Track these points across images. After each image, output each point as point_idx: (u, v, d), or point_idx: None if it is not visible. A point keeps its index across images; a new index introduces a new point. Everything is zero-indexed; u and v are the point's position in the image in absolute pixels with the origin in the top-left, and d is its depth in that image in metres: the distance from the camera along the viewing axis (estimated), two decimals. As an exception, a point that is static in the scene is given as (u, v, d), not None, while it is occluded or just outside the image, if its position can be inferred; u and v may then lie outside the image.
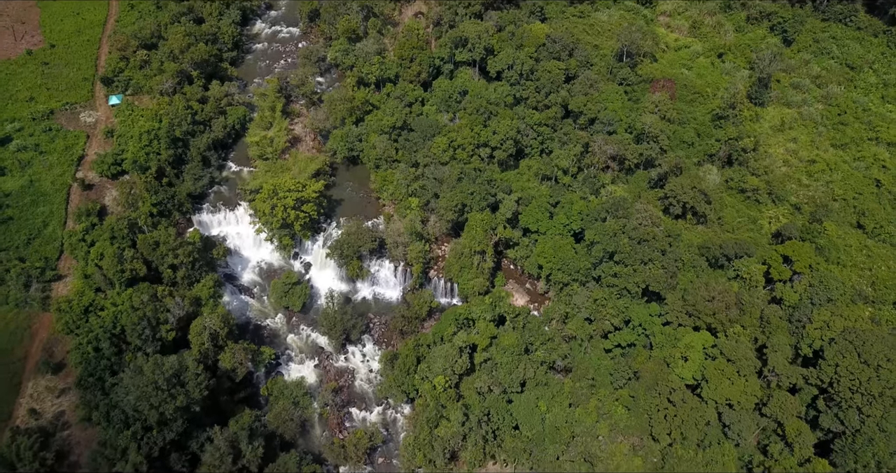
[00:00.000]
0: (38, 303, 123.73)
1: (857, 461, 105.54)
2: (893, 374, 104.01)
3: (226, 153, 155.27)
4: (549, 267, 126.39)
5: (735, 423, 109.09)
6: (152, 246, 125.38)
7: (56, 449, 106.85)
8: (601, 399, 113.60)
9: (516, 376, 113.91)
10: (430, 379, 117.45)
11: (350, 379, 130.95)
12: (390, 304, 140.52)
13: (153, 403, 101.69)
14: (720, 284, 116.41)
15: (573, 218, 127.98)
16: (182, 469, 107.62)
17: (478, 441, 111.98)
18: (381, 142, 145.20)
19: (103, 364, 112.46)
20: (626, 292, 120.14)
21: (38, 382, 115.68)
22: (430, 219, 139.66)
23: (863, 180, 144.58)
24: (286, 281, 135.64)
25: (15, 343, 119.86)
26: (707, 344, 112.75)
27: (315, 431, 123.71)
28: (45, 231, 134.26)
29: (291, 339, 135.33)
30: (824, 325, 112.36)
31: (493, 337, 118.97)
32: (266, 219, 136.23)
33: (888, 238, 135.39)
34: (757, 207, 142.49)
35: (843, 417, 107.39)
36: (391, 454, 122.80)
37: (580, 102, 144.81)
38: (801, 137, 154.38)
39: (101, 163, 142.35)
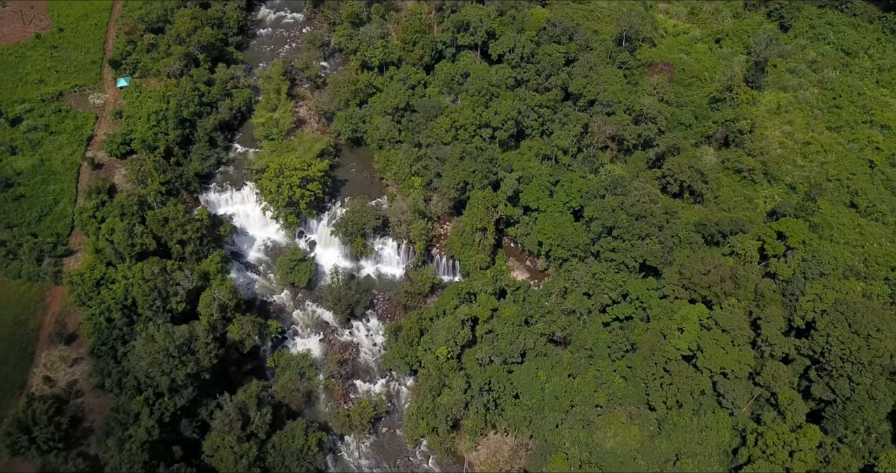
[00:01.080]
0: (50, 277, 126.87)
1: (847, 427, 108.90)
2: (883, 343, 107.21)
3: (232, 134, 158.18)
4: (549, 244, 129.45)
5: (729, 392, 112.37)
6: (161, 222, 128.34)
7: (70, 416, 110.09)
8: (599, 370, 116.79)
9: (517, 346, 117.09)
10: (432, 351, 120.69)
11: (354, 353, 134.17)
12: (393, 281, 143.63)
13: (165, 369, 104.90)
14: (715, 258, 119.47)
15: (573, 195, 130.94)
16: (192, 435, 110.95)
17: (479, 409, 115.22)
18: (384, 123, 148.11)
19: (115, 334, 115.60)
20: (624, 267, 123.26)
21: (51, 352, 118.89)
22: (433, 197, 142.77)
23: (856, 161, 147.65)
24: (292, 257, 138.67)
25: (28, 315, 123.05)
26: (702, 316, 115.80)
27: (320, 402, 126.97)
28: (56, 208, 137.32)
29: (297, 315, 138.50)
30: (816, 298, 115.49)
31: (494, 309, 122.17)
32: (272, 198, 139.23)
33: (880, 216, 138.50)
34: (752, 187, 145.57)
35: (834, 386, 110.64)
36: (395, 424, 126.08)
37: (580, 85, 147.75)
38: (797, 120, 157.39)
39: (110, 143, 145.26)
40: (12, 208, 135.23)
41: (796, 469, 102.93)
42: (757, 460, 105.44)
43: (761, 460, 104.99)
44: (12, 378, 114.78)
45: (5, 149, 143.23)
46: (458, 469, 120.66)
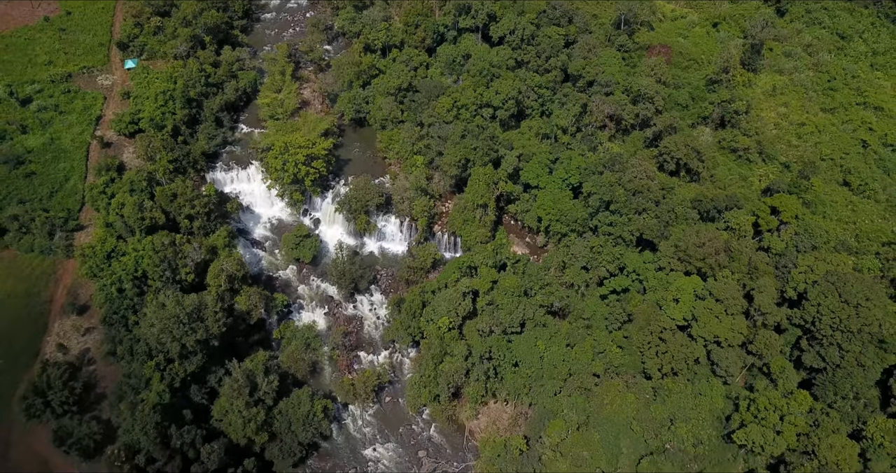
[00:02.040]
0: (62, 251, 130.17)
1: (836, 393, 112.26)
2: (871, 312, 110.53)
3: (237, 115, 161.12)
4: (548, 219, 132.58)
5: (723, 360, 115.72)
6: (170, 197, 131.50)
7: (83, 382, 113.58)
8: (597, 340, 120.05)
9: (516, 316, 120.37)
10: (434, 322, 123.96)
11: (358, 326, 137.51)
12: (396, 258, 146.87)
13: (175, 335, 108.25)
14: (710, 232, 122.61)
15: (572, 172, 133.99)
16: (202, 400, 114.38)
17: (480, 376, 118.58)
18: (387, 104, 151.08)
19: (126, 303, 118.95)
20: (621, 240, 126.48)
21: (63, 322, 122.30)
22: (434, 176, 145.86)
23: (850, 141, 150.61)
24: (297, 233, 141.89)
25: (41, 287, 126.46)
26: (697, 288, 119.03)
27: (325, 372, 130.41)
28: (67, 185, 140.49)
29: (302, 289, 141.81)
30: (808, 270, 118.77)
31: (494, 281, 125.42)
32: (277, 175, 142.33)
33: (872, 194, 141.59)
34: (748, 166, 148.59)
35: (825, 354, 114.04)
36: (397, 393, 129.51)
37: (579, 66, 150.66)
38: (792, 102, 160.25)
39: (118, 122, 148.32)
40: (24, 185, 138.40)
41: (787, 432, 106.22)
42: (749, 424, 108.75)
43: (753, 424, 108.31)
44: (27, 346, 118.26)
45: (16, 127, 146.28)
46: (459, 437, 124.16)
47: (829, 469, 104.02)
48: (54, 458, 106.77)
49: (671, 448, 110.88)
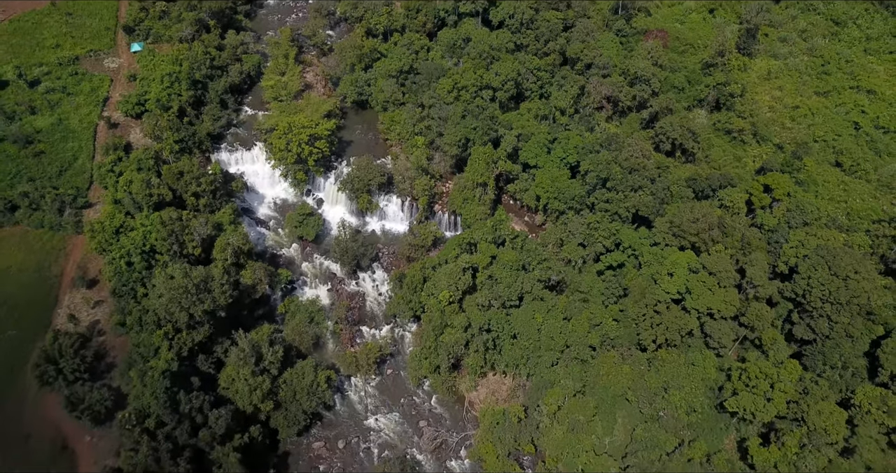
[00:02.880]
0: (71, 227, 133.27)
1: (825, 363, 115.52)
2: (860, 285, 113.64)
3: (242, 98, 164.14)
4: (546, 197, 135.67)
5: (715, 332, 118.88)
6: (177, 175, 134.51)
7: (93, 352, 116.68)
8: (593, 313, 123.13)
9: (514, 290, 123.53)
10: (435, 295, 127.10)
11: (361, 302, 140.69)
12: (398, 237, 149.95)
13: (183, 305, 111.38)
14: (704, 207, 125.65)
15: (569, 151, 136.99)
16: (209, 370, 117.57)
17: (479, 348, 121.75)
18: (388, 86, 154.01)
19: (135, 276, 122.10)
20: (617, 217, 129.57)
21: (73, 295, 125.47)
22: (435, 156, 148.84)
23: (842, 123, 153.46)
24: (301, 212, 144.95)
25: (51, 261, 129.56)
26: (691, 262, 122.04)
27: (328, 346, 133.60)
28: (76, 164, 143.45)
29: (306, 267, 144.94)
30: (799, 244, 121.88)
31: (493, 256, 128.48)
32: (281, 155, 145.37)
33: (864, 174, 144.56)
34: (742, 147, 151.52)
35: (815, 325, 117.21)
36: (399, 366, 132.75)
37: (577, 49, 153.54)
38: (787, 85, 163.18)
39: (125, 103, 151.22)
40: (33, 163, 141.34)
41: (777, 399, 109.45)
42: (741, 392, 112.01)
43: (744, 392, 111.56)
44: (38, 317, 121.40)
45: (25, 108, 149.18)
46: (459, 408, 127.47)
47: (818, 434, 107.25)
48: (66, 423, 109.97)
49: (665, 415, 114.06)
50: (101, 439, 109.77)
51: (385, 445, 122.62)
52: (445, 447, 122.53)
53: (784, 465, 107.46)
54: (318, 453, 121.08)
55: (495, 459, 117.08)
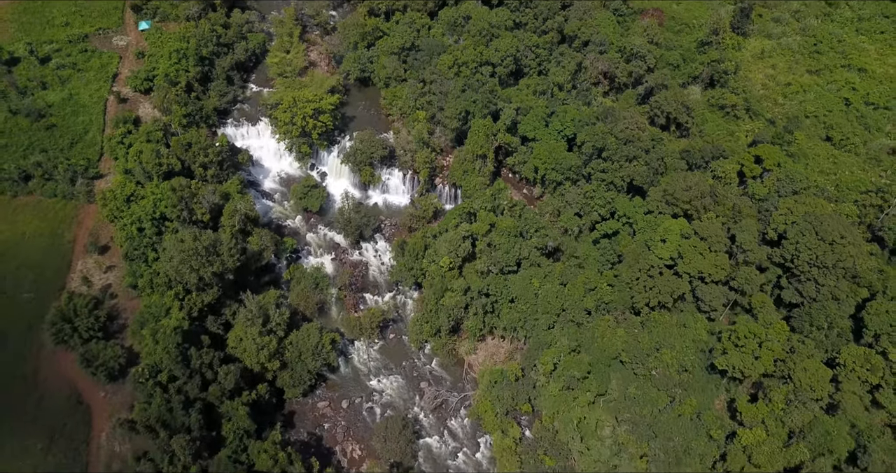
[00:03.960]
0: (83, 196, 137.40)
1: (812, 324, 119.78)
2: (846, 249, 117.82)
3: (247, 75, 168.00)
4: (544, 168, 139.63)
5: (706, 295, 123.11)
6: (185, 146, 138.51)
7: (106, 312, 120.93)
8: (588, 278, 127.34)
9: (513, 255, 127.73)
10: (436, 262, 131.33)
11: (364, 270, 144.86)
12: (399, 210, 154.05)
13: (193, 266, 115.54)
14: (696, 176, 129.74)
15: (567, 124, 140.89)
16: (217, 331, 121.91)
17: (478, 311, 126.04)
18: (390, 62, 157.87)
19: (146, 242, 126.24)
20: (613, 186, 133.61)
21: (86, 261, 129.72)
22: (436, 131, 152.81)
23: (833, 99, 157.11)
24: (305, 184, 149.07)
25: (64, 228, 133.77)
26: (684, 229, 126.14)
27: (333, 312, 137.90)
28: (86, 137, 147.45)
29: (310, 237, 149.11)
30: (788, 211, 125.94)
31: (492, 224, 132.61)
32: (286, 128, 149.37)
33: (853, 148, 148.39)
34: (735, 122, 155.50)
35: (802, 289, 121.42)
36: (401, 332, 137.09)
37: (575, 27, 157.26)
38: (780, 64, 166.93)
39: (134, 79, 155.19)
40: (45, 136, 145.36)
41: (764, 357, 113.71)
42: (730, 351, 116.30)
43: (733, 351, 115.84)
44: (52, 281, 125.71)
45: (37, 84, 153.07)
46: (458, 370, 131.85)
47: (804, 390, 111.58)
48: (81, 380, 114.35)
49: (657, 374, 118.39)
50: (114, 394, 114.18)
51: (387, 405, 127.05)
52: (446, 406, 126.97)
53: (771, 420, 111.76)
54: (322, 412, 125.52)
55: (494, 417, 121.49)
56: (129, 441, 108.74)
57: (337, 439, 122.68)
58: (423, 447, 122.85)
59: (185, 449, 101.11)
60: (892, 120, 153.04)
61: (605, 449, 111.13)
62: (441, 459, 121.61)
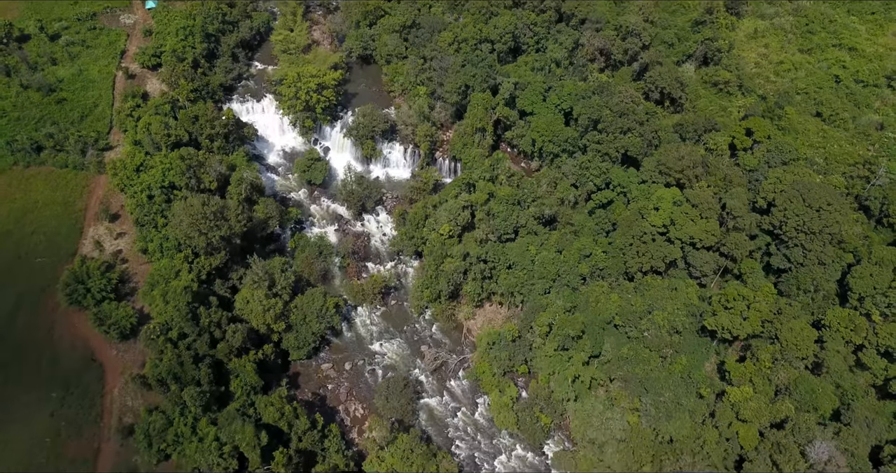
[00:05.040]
0: (94, 167, 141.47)
1: (799, 287, 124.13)
2: (832, 216, 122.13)
3: (252, 53, 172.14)
4: (542, 141, 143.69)
5: (697, 260, 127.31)
6: (192, 118, 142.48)
7: (117, 275, 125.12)
8: (584, 244, 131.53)
9: (510, 223, 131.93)
10: (436, 230, 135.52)
11: (366, 241, 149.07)
12: (401, 183, 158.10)
13: (202, 230, 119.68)
14: (689, 147, 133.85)
15: (564, 98, 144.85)
16: (225, 294, 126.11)
17: (477, 276, 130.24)
18: (392, 40, 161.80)
19: (156, 208, 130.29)
20: (608, 157, 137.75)
21: (97, 228, 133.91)
22: (436, 106, 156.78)
23: (824, 77, 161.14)
24: (309, 157, 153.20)
25: (76, 197, 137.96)
26: (676, 197, 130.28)
27: (336, 279, 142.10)
28: (96, 110, 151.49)
29: (314, 209, 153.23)
30: (777, 180, 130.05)
31: (490, 193, 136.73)
32: (290, 103, 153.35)
33: (842, 123, 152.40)
34: (728, 98, 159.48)
35: (790, 255, 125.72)
36: (402, 298, 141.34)
37: (572, 5, 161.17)
38: (772, 43, 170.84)
39: (142, 55, 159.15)
40: (56, 110, 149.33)
41: (752, 318, 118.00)
42: (719, 313, 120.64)
43: (722, 312, 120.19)
44: (65, 246, 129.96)
45: (47, 60, 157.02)
46: (458, 335, 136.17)
47: (789, 349, 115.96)
48: (94, 338, 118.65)
49: (649, 335, 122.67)
50: (126, 352, 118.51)
51: (389, 367, 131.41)
52: (445, 368, 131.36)
53: (758, 378, 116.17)
54: (326, 374, 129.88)
55: (491, 377, 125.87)
56: (141, 396, 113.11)
57: (340, 399, 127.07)
58: (423, 407, 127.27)
59: (196, 401, 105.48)
60: (880, 96, 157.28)
61: (599, 404, 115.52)
62: (441, 418, 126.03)
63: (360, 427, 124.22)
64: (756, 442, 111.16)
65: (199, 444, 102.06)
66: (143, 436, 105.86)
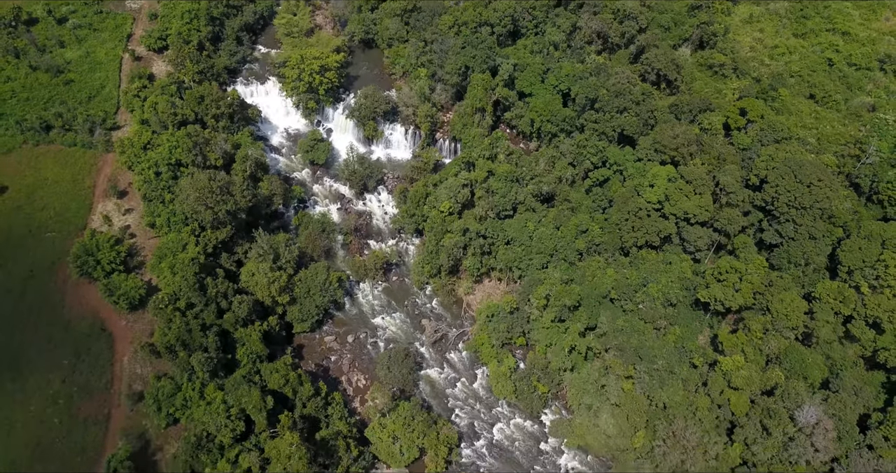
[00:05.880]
0: (101, 145, 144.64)
1: (790, 261, 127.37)
2: (822, 191, 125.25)
3: (255, 37, 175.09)
4: (540, 121, 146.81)
5: (691, 235, 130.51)
6: (198, 99, 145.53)
7: (126, 248, 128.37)
8: (580, 220, 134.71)
9: (509, 200, 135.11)
10: (437, 207, 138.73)
11: (368, 219, 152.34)
12: (401, 164, 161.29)
13: (208, 204, 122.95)
14: (683, 126, 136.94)
15: (562, 79, 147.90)
16: (230, 267, 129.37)
17: (476, 250, 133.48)
18: (393, 24, 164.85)
19: (163, 184, 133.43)
20: (604, 136, 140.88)
21: (106, 203, 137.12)
22: (437, 87, 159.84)
23: (817, 60, 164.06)
24: (312, 138, 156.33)
25: (84, 174, 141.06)
26: (671, 174, 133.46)
27: (338, 256, 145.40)
28: (103, 91, 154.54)
29: (317, 188, 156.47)
30: (769, 158, 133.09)
31: (490, 171, 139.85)
32: (294, 85, 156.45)
33: (834, 105, 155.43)
34: (723, 81, 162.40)
35: (781, 230, 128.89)
36: (403, 274, 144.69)
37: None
38: (767, 28, 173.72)
39: (148, 37, 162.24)
40: (64, 90, 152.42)
41: (744, 289, 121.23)
42: (712, 285, 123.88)
43: (715, 284, 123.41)
44: (74, 221, 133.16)
45: (55, 42, 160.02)
46: (458, 309, 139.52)
47: (780, 319, 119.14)
48: (104, 309, 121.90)
49: (644, 307, 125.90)
50: (135, 323, 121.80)
51: (390, 339, 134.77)
52: (445, 340, 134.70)
53: (749, 348, 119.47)
54: (329, 346, 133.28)
55: (490, 348, 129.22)
56: (150, 364, 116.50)
57: (343, 369, 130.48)
58: (423, 377, 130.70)
59: (204, 366, 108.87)
60: (872, 79, 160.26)
61: (594, 371, 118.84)
62: (441, 388, 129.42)
63: (363, 397, 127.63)
64: (747, 409, 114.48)
65: (206, 407, 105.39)
66: (152, 401, 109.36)
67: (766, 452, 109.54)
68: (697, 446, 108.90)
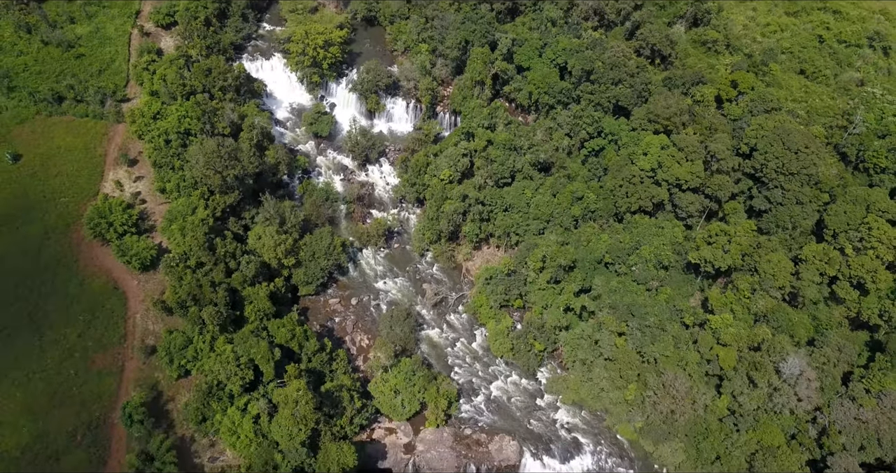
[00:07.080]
0: (112, 116, 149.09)
1: (778, 225, 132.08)
2: (809, 157, 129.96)
3: (261, 15, 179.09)
4: (538, 93, 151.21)
5: (683, 201, 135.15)
6: (205, 71, 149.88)
7: (137, 213, 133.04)
8: (576, 187, 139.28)
9: (507, 167, 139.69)
10: (437, 176, 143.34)
11: (370, 190, 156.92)
12: (403, 137, 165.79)
13: (217, 168, 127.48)
14: (676, 96, 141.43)
15: (559, 53, 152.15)
16: (238, 231, 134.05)
17: (475, 216, 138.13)
18: (395, 1, 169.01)
19: (173, 151, 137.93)
20: (600, 107, 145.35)
21: (117, 171, 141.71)
22: (437, 62, 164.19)
23: (808, 37, 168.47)
24: (315, 111, 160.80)
25: (96, 143, 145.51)
26: (664, 143, 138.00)
27: (342, 224, 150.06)
28: (113, 65, 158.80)
29: (321, 160, 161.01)
30: (759, 127, 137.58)
31: (489, 141, 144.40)
32: (298, 59, 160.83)
33: (824, 80, 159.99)
34: (715, 56, 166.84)
35: (770, 196, 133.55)
36: (405, 242, 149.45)
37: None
38: (760, 7, 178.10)
39: (156, 13, 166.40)
40: (75, 64, 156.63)
41: (733, 251, 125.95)
42: (702, 247, 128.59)
43: (705, 246, 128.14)
44: (87, 187, 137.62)
45: (66, 18, 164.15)
46: (457, 274, 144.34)
47: (767, 279, 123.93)
48: (116, 269, 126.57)
49: (637, 270, 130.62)
50: (147, 282, 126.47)
51: (392, 302, 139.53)
52: (445, 303, 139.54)
53: (738, 306, 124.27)
54: (333, 308, 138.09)
55: (488, 309, 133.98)
56: (161, 320, 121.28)
57: (346, 330, 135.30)
58: (424, 337, 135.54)
59: (214, 319, 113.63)
60: (861, 56, 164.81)
61: (588, 327, 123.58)
62: (441, 347, 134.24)
63: (366, 356, 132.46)
64: (734, 363, 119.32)
65: (217, 358, 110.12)
66: (164, 353, 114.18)
67: (751, 402, 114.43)
68: (686, 396, 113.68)
